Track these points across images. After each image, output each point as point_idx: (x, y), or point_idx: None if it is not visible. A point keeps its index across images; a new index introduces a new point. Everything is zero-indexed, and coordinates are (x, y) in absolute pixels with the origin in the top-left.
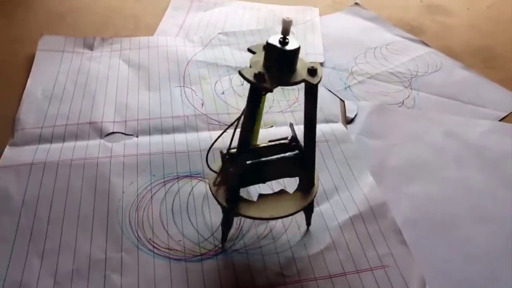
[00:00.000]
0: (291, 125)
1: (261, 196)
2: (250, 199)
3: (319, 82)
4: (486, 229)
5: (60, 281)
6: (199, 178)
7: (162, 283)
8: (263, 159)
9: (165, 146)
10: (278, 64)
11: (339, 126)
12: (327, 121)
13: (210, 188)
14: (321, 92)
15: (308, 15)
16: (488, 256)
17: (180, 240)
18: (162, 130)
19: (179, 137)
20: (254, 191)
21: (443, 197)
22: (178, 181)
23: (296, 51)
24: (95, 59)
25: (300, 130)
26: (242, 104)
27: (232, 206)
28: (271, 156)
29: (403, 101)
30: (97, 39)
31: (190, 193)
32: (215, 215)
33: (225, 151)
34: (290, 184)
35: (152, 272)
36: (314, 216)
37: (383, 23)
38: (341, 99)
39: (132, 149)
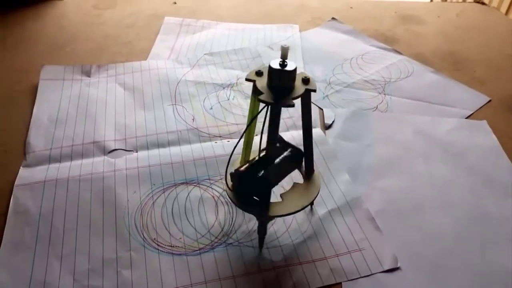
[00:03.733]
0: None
1: (281, 195)
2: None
3: (314, 90)
4: (447, 214)
5: (78, 278)
6: (194, 184)
7: (167, 274)
8: (275, 162)
9: (162, 158)
10: (279, 83)
11: (317, 131)
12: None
13: (235, 203)
14: (297, 102)
15: (289, 32)
16: (449, 236)
17: (180, 238)
18: (159, 145)
19: (174, 150)
20: None
21: (411, 189)
22: (175, 188)
23: (294, 71)
24: (93, 85)
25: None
26: (228, 117)
27: (266, 214)
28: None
29: (377, 106)
30: (94, 66)
31: (187, 198)
32: (210, 214)
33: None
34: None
35: (158, 266)
36: None
37: (359, 35)
38: (319, 108)
39: (133, 163)
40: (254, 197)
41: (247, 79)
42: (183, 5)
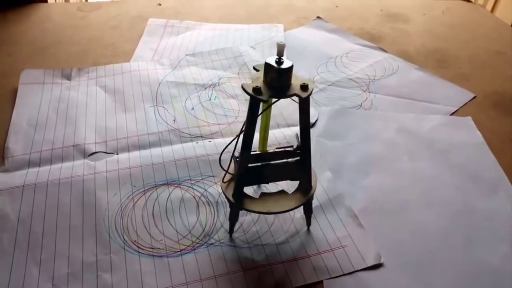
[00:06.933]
0: (297, 136)
1: (263, 194)
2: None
3: (309, 95)
4: (432, 212)
5: (57, 283)
6: (175, 185)
7: (147, 276)
8: (267, 162)
9: (143, 160)
10: (274, 80)
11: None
12: (288, 125)
13: (220, 185)
14: (286, 100)
15: (273, 32)
16: (434, 234)
17: (161, 240)
18: (140, 146)
19: (155, 151)
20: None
21: (395, 187)
22: (156, 189)
23: (289, 69)
24: (74, 88)
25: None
26: (210, 117)
27: (238, 201)
28: (276, 160)
29: (361, 103)
30: (74, 69)
31: (168, 199)
32: (191, 216)
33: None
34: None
35: (138, 268)
36: None
37: (344, 33)
38: None
39: (113, 165)
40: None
41: (254, 68)
42: (168, 6)
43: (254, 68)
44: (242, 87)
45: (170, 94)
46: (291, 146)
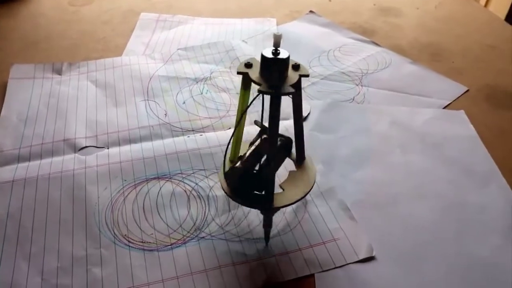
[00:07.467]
0: (256, 122)
1: (281, 185)
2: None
3: (307, 75)
4: (424, 205)
5: (47, 278)
6: (166, 179)
7: (137, 270)
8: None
9: (133, 154)
10: (273, 71)
11: (291, 123)
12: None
13: (231, 198)
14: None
15: (266, 26)
16: (426, 227)
17: (152, 234)
18: (130, 140)
19: (146, 145)
20: None
21: (388, 180)
22: (147, 183)
23: (287, 60)
24: (64, 83)
25: None
26: (202, 111)
27: (271, 206)
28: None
29: (354, 97)
30: (65, 64)
31: (158, 192)
32: (182, 210)
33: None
34: None
35: (128, 262)
36: None
37: (337, 27)
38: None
39: (104, 159)
40: (256, 192)
41: (238, 73)
42: (160, 0)
43: (245, 64)
44: (259, 90)
45: (161, 88)
46: (260, 136)
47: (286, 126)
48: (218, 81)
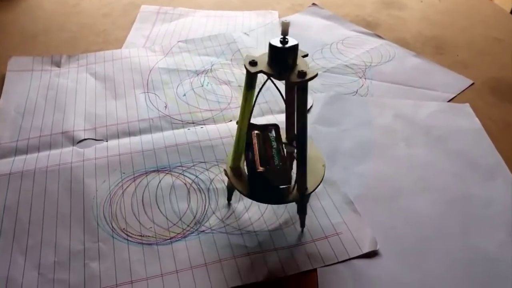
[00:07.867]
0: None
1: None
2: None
3: (304, 81)
4: (427, 198)
5: (43, 272)
6: (165, 172)
7: (136, 265)
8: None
9: (133, 147)
10: (279, 60)
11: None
12: (283, 111)
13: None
14: (279, 87)
15: (268, 19)
16: (430, 221)
17: (151, 227)
18: (130, 133)
19: (146, 138)
20: None
21: (391, 173)
22: (146, 176)
23: (294, 47)
24: (63, 75)
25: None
26: (202, 103)
27: (305, 193)
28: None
29: (357, 90)
30: (64, 56)
31: (158, 185)
32: (182, 203)
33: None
34: None
35: (127, 257)
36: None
37: (340, 20)
38: None
39: (102, 152)
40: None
41: (254, 73)
42: None
43: (250, 62)
44: (289, 82)
45: (161, 80)
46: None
47: (277, 120)
48: (219, 73)
